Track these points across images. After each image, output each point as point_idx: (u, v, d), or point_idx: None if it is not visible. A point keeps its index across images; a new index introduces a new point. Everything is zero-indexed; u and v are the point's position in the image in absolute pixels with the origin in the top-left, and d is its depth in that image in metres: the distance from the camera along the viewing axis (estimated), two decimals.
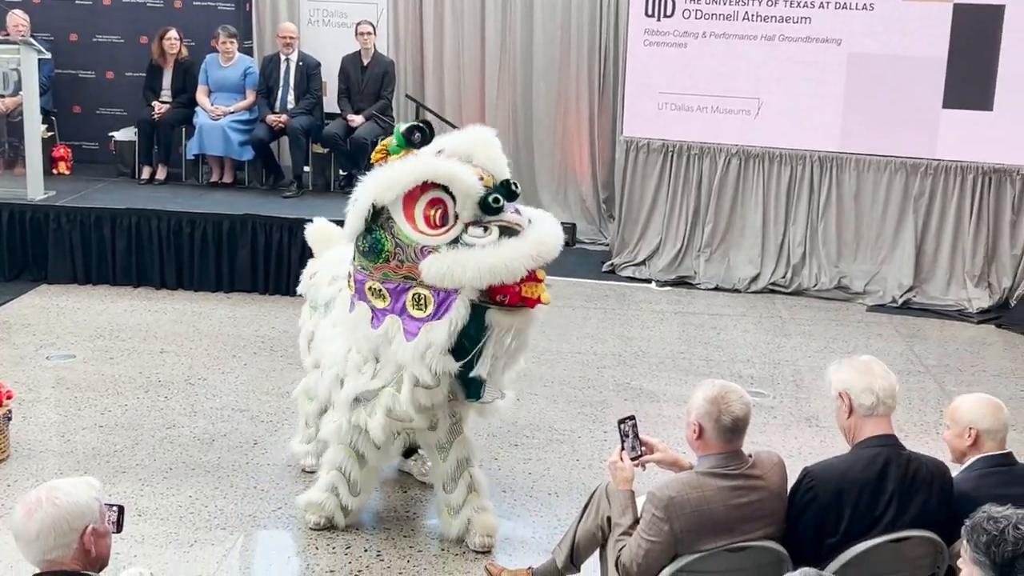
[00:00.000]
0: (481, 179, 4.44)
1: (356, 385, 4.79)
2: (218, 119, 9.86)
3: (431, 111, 10.55)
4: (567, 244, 10.27)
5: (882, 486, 3.58)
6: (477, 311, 4.43)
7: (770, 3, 9.17)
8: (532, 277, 4.38)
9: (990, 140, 8.95)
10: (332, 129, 9.87)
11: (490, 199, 4.37)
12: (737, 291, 9.47)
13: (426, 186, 4.41)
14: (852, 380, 3.72)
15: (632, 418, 4.07)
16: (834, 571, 3.50)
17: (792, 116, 9.31)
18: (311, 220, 6.06)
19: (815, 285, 9.42)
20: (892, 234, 9.33)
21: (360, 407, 4.81)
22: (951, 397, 6.97)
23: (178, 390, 6.89)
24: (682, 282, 9.66)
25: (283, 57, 9.93)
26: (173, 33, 10.06)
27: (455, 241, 4.40)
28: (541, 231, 4.44)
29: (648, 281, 9.66)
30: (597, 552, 4.18)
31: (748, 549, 3.53)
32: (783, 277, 9.54)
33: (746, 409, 3.61)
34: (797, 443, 6.31)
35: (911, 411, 6.77)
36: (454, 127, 10.35)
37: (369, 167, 4.79)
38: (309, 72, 9.95)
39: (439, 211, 4.41)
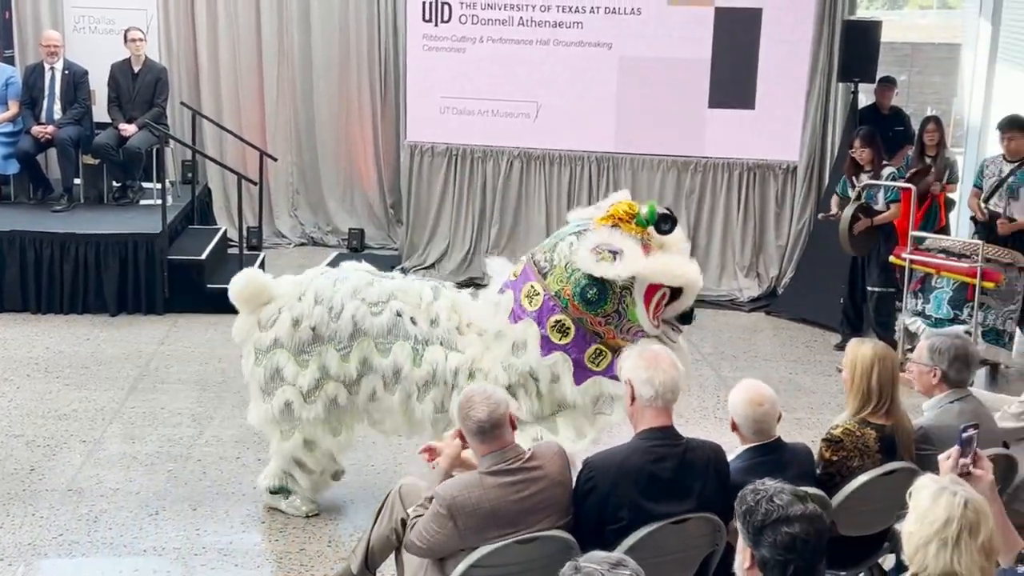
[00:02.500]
0: None
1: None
2: None
3: (207, 118, 10.30)
4: (355, 250, 10.33)
5: (659, 476, 3.73)
6: None
7: (543, 8, 9.39)
8: None
9: (753, 137, 9.45)
10: (103, 139, 9.48)
11: (693, 312, 4.96)
12: None
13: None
14: (636, 370, 3.87)
15: None
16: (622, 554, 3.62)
17: (569, 118, 9.57)
18: (86, 234, 5.81)
19: None
20: None
21: None
22: (727, 383, 7.39)
23: None
24: (472, 283, 9.75)
25: (47, 66, 9.47)
26: None
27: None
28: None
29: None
30: (393, 555, 4.21)
31: (537, 540, 3.62)
32: None
33: (489, 409, 3.67)
34: None
35: (690, 397, 7.05)
36: (233, 134, 10.19)
37: (144, 178, 4.66)
38: (76, 81, 9.53)
39: (664, 305, 4.83)
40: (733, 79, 9.34)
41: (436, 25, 9.54)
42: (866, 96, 9.91)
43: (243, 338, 5.19)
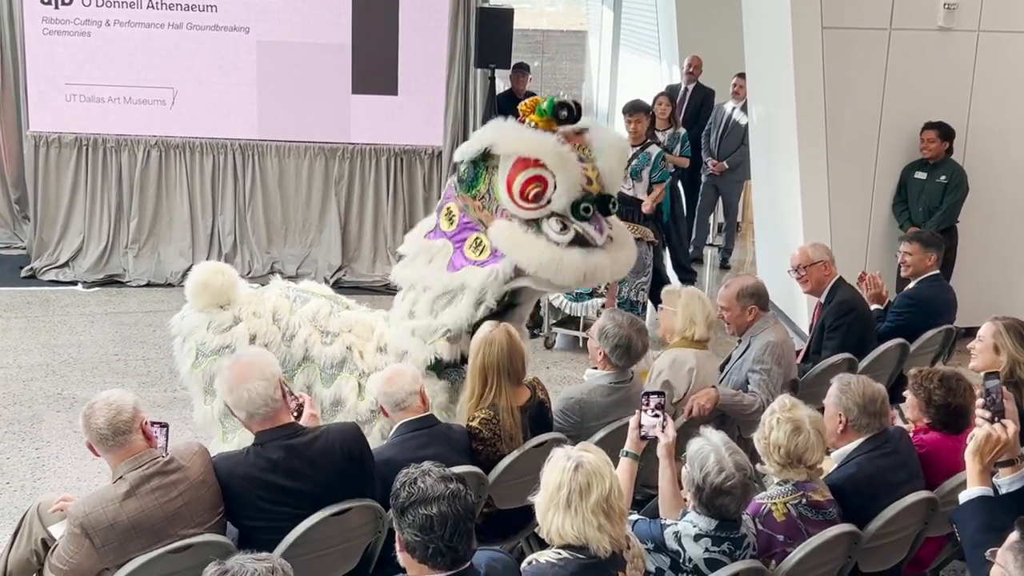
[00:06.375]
0: (589, 181, 4.63)
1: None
2: None
3: None
4: None
5: (286, 473, 3.68)
6: None
7: None
8: None
9: (398, 123, 9.53)
10: None
11: (582, 207, 4.59)
12: (171, 285, 9.24)
13: (539, 163, 4.55)
14: (228, 395, 3.75)
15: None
16: (282, 552, 3.55)
17: (209, 105, 9.25)
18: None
19: (249, 272, 9.47)
20: (318, 217, 9.65)
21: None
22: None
23: None
24: (112, 281, 9.27)
25: None
26: None
27: (535, 222, 4.61)
28: (602, 259, 4.65)
29: (74, 283, 9.15)
30: None
31: (192, 547, 3.48)
32: None
33: (109, 416, 3.50)
34: None
35: None
36: None
37: None
38: None
39: (537, 190, 4.58)
40: (375, 65, 9.37)
41: (57, 8, 8.90)
42: (503, 82, 10.27)
43: (185, 333, 5.07)
